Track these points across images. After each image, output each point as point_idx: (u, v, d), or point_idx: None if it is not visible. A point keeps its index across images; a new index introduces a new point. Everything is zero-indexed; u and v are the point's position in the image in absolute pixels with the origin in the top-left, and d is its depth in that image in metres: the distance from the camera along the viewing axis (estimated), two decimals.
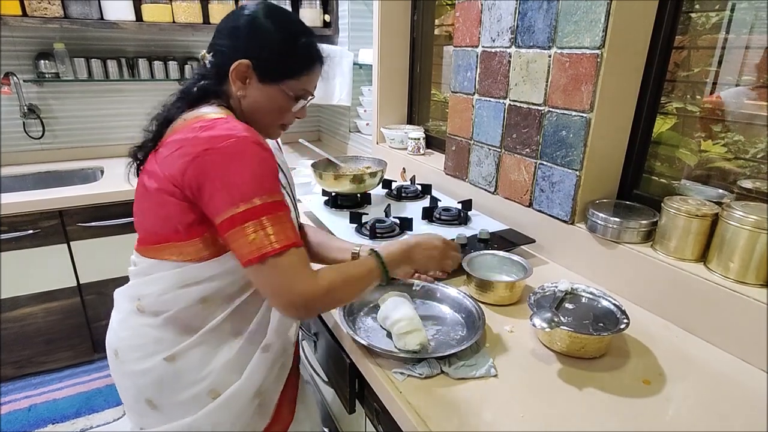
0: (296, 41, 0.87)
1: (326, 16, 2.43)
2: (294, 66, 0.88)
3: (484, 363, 0.88)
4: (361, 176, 1.58)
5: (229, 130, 0.77)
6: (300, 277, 0.76)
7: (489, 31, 1.43)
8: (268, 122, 0.92)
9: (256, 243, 0.74)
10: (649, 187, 1.26)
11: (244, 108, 0.89)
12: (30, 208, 1.83)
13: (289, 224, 0.77)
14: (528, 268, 1.14)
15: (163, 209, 0.81)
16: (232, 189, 0.74)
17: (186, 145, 0.77)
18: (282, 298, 0.76)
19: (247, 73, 0.85)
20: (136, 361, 0.88)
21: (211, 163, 0.75)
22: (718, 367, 0.91)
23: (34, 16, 1.93)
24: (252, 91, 0.87)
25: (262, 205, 0.74)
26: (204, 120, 0.80)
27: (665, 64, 1.15)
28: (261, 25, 0.85)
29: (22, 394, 2.01)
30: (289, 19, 0.89)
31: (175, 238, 0.83)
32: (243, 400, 0.88)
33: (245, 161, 0.75)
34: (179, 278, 0.84)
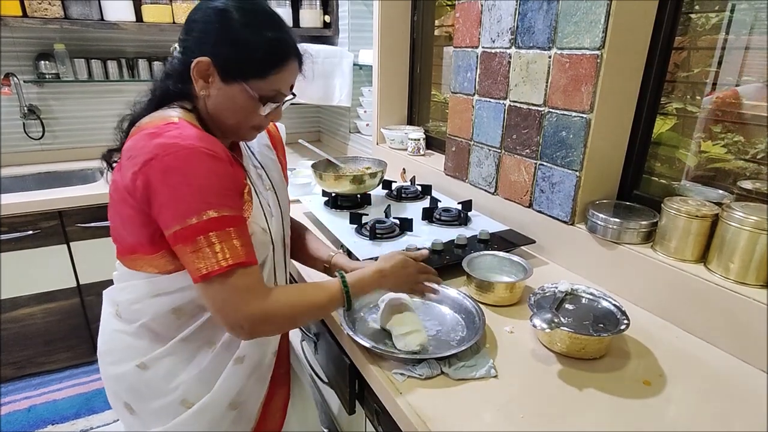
0: (261, 35, 0.79)
1: (326, 16, 2.43)
2: (259, 63, 0.79)
3: (484, 364, 0.88)
4: (361, 177, 1.58)
5: (175, 138, 0.72)
6: (246, 298, 0.73)
7: (489, 31, 1.43)
8: (234, 124, 0.84)
9: (203, 261, 0.70)
10: (649, 188, 1.26)
11: (209, 109, 0.82)
12: (30, 208, 1.83)
13: (240, 240, 0.73)
14: (528, 268, 1.14)
15: (124, 221, 0.79)
16: (176, 203, 0.70)
17: (135, 154, 0.73)
18: (228, 318, 0.73)
19: (209, 71, 0.78)
20: (112, 365, 0.89)
21: (156, 174, 0.70)
22: (718, 367, 0.91)
23: (35, 16, 1.93)
24: (215, 91, 0.80)
25: (208, 220, 0.70)
26: (154, 125, 0.75)
27: (665, 65, 1.16)
28: (224, 19, 0.77)
29: (21, 395, 2.01)
30: (255, 10, 0.80)
31: (141, 250, 0.80)
32: (216, 411, 0.87)
33: (190, 173, 0.70)
34: (151, 288, 0.83)
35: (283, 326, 0.82)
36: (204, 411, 0.85)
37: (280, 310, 0.77)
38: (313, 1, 2.38)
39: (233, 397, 0.87)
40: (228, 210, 0.72)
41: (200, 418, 0.86)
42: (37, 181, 2.17)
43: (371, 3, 2.15)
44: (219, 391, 0.85)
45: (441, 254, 1.26)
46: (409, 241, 1.33)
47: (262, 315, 0.74)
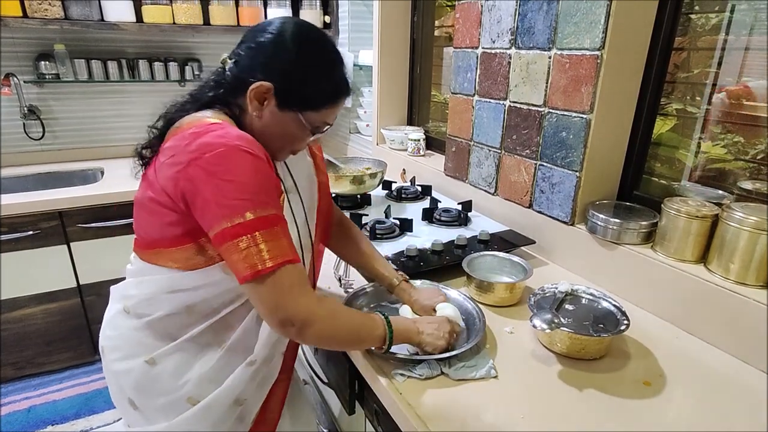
0: (327, 73, 0.82)
1: (326, 17, 2.43)
2: (318, 98, 0.83)
3: (484, 364, 0.88)
4: (361, 177, 1.58)
5: (220, 137, 0.73)
6: (294, 295, 0.74)
7: (489, 32, 1.43)
8: (278, 147, 0.86)
9: (249, 260, 0.71)
10: (649, 188, 1.26)
11: (255, 127, 0.83)
12: (30, 209, 1.82)
13: (285, 239, 0.74)
14: (528, 269, 1.14)
15: (155, 217, 0.80)
16: (221, 202, 0.71)
17: (178, 153, 0.74)
18: (276, 315, 0.74)
19: (267, 95, 0.79)
20: (118, 361, 0.89)
21: (200, 173, 0.71)
22: (718, 368, 0.91)
23: (35, 17, 1.93)
24: (267, 114, 0.81)
25: (254, 219, 0.71)
26: (198, 126, 0.76)
27: (665, 66, 1.16)
28: (289, 47, 0.79)
29: (21, 395, 2.00)
30: (321, 45, 0.82)
31: (165, 244, 0.81)
32: (222, 409, 0.87)
33: (235, 172, 0.71)
34: (168, 283, 0.83)
35: (328, 332, 0.80)
36: (209, 408, 0.86)
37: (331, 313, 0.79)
38: (313, 1, 2.38)
39: (238, 394, 0.88)
40: (272, 209, 0.74)
41: (205, 415, 0.86)
42: (37, 181, 2.17)
43: (371, 3, 2.15)
44: (226, 390, 0.86)
45: (441, 255, 1.26)
46: (409, 242, 1.33)
47: (313, 313, 0.75)
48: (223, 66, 0.84)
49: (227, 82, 0.82)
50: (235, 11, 2.26)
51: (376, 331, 0.84)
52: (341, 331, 0.82)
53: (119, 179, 2.07)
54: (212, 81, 0.85)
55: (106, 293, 0.94)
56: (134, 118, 2.38)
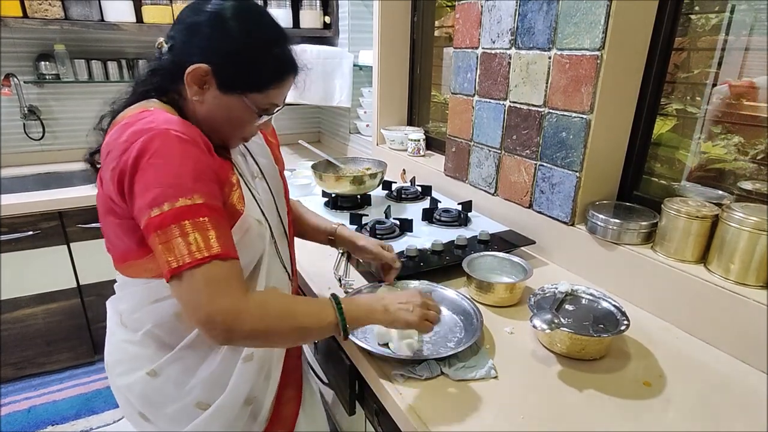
0: (267, 51, 0.76)
1: (326, 17, 2.43)
2: (261, 78, 0.77)
3: (483, 364, 0.88)
4: (361, 177, 1.59)
5: (148, 123, 0.68)
6: (221, 293, 0.65)
7: (489, 32, 1.43)
8: (225, 133, 0.81)
9: (173, 253, 0.64)
10: (649, 189, 1.26)
11: (199, 114, 0.78)
12: (30, 209, 1.83)
13: (217, 231, 0.67)
14: (528, 269, 1.14)
15: (113, 228, 0.77)
16: (146, 190, 0.66)
17: (112, 149, 0.69)
18: (199, 314, 0.65)
19: (206, 78, 0.74)
20: (121, 375, 0.88)
21: (128, 161, 0.66)
22: (718, 368, 0.91)
23: (35, 17, 1.94)
24: (209, 99, 0.76)
25: (181, 207, 0.65)
26: (129, 116, 0.72)
27: (665, 66, 1.16)
28: (226, 26, 0.74)
29: (21, 396, 2.01)
30: (260, 22, 0.77)
31: (132, 256, 0.78)
32: (233, 410, 0.86)
33: (160, 157, 0.66)
34: (149, 294, 0.81)
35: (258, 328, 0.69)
36: (221, 411, 0.84)
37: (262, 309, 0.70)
38: (313, 1, 2.38)
39: (247, 393, 0.86)
40: (201, 198, 0.67)
41: (217, 418, 0.85)
42: (37, 181, 2.17)
43: (371, 4, 2.15)
44: (233, 390, 0.84)
45: (441, 255, 1.26)
46: (409, 242, 1.33)
47: (236, 309, 0.67)
48: (160, 50, 0.78)
49: (164, 68, 0.77)
50: None
51: (326, 318, 0.75)
52: (277, 325, 0.72)
53: None
54: (150, 68, 0.80)
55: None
56: None
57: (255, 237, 0.82)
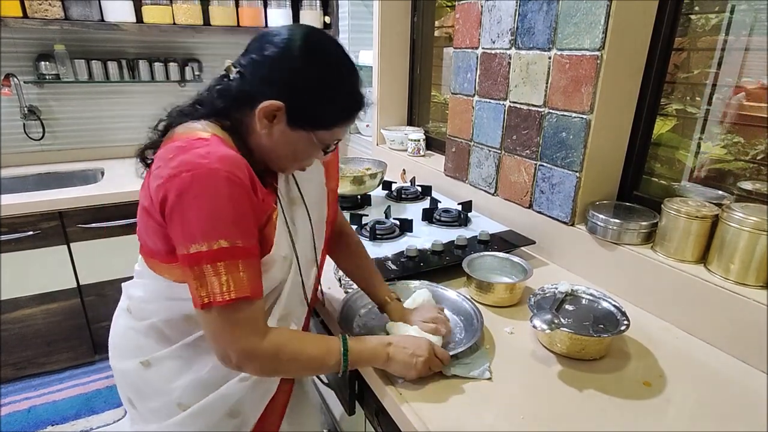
0: (340, 89, 0.77)
1: (326, 17, 2.43)
2: (332, 117, 0.77)
3: (480, 365, 0.88)
4: (361, 178, 1.59)
5: (200, 158, 0.68)
6: (242, 332, 0.71)
7: (489, 32, 1.43)
8: (285, 163, 0.82)
9: (206, 289, 0.68)
10: (649, 189, 1.26)
11: (264, 145, 0.78)
12: (30, 209, 1.82)
13: (248, 272, 0.70)
14: (528, 269, 1.14)
15: (147, 227, 0.78)
16: (186, 226, 0.68)
17: (162, 166, 0.71)
18: (219, 348, 0.73)
19: (277, 114, 0.74)
20: (117, 358, 0.90)
21: (174, 191, 0.68)
22: (718, 368, 0.91)
23: (35, 17, 1.93)
24: (276, 133, 0.76)
25: (218, 250, 0.68)
26: (185, 139, 0.73)
27: (665, 66, 1.16)
28: (298, 62, 0.73)
29: (21, 396, 2.00)
30: (336, 59, 0.76)
31: (159, 258, 0.80)
32: (213, 418, 0.85)
33: (205, 198, 0.67)
34: (167, 291, 0.82)
35: (268, 368, 0.78)
36: (200, 414, 0.85)
37: (276, 352, 0.75)
38: (313, 1, 2.38)
39: (231, 406, 0.86)
40: (240, 241, 0.70)
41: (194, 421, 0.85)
42: (37, 181, 2.17)
43: (371, 4, 2.15)
44: (218, 400, 0.84)
45: (441, 255, 1.26)
46: (409, 242, 1.33)
47: (251, 352, 0.73)
48: (228, 74, 0.78)
49: (231, 94, 0.77)
50: (236, 12, 2.26)
51: (331, 360, 0.80)
52: (285, 369, 0.80)
53: (119, 180, 2.07)
54: (216, 90, 0.79)
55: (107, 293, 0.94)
56: (134, 118, 2.38)
57: (277, 271, 0.82)
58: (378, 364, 0.84)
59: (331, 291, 1.16)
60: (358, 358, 0.82)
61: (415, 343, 0.85)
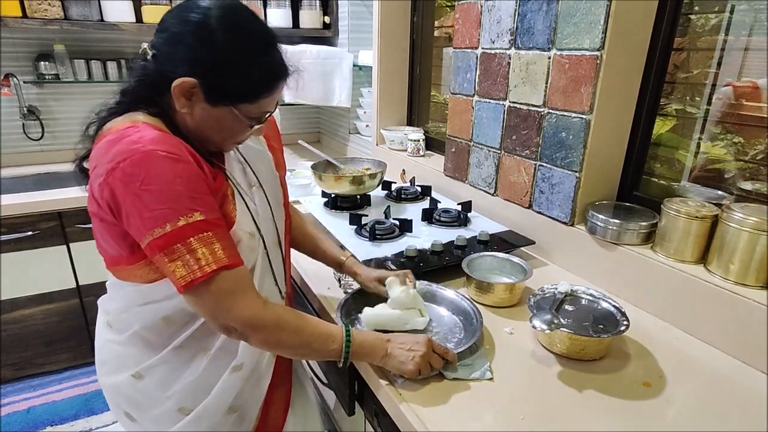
0: (254, 60, 0.73)
1: (326, 17, 2.43)
2: (250, 89, 0.75)
3: (480, 365, 0.88)
4: (360, 178, 1.58)
5: (134, 143, 0.67)
6: (235, 300, 0.71)
7: (488, 32, 1.43)
8: (217, 141, 0.81)
9: (179, 271, 0.67)
10: (648, 189, 1.26)
11: (189, 125, 0.76)
12: (29, 209, 1.82)
13: (221, 243, 0.70)
14: (528, 269, 1.14)
15: (102, 233, 0.77)
16: (142, 213, 0.66)
17: (98, 164, 0.69)
18: (218, 322, 0.72)
19: (193, 91, 0.72)
20: (107, 375, 0.88)
21: (118, 184, 0.66)
22: (718, 369, 0.91)
23: (35, 17, 1.93)
24: (198, 111, 0.74)
25: (178, 229, 0.66)
26: (114, 132, 0.71)
27: (665, 66, 1.16)
28: (212, 35, 0.70)
29: (20, 396, 2.00)
30: (247, 29, 0.74)
31: (122, 261, 0.79)
32: (215, 417, 0.86)
33: (152, 180, 0.66)
34: (139, 296, 0.81)
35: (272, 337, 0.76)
36: (202, 417, 0.84)
37: (278, 321, 0.74)
38: (313, 1, 2.38)
39: (231, 401, 0.86)
40: (201, 214, 0.69)
41: (199, 423, 0.85)
42: (36, 181, 2.17)
43: (371, 4, 2.15)
44: (216, 397, 0.84)
45: (441, 255, 1.26)
46: (409, 242, 1.33)
47: (253, 319, 0.72)
48: (144, 57, 0.75)
49: (149, 77, 0.74)
50: None
51: (331, 345, 0.79)
52: (289, 341, 0.78)
53: None
54: (135, 76, 0.77)
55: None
56: None
57: (245, 249, 0.81)
58: (376, 360, 0.84)
59: (330, 291, 1.16)
60: (359, 348, 0.82)
61: (413, 339, 0.85)
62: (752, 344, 0.90)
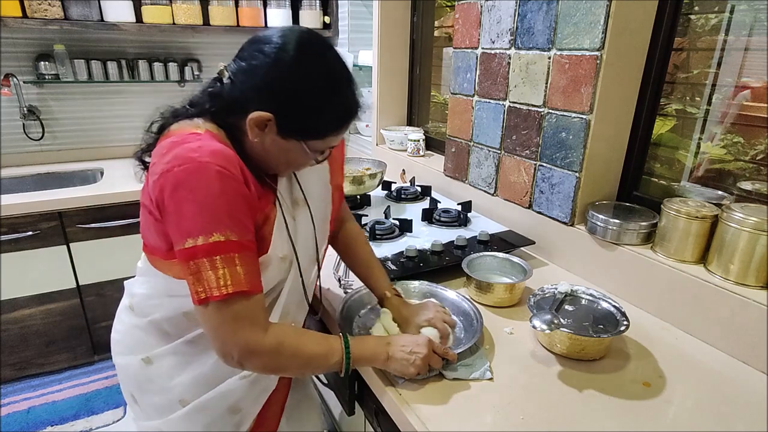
0: (329, 99, 0.74)
1: (326, 17, 2.43)
2: (322, 127, 0.76)
3: (480, 365, 0.88)
4: (360, 178, 1.58)
5: (192, 151, 0.68)
6: (240, 327, 0.71)
7: (489, 32, 1.43)
8: (279, 170, 0.83)
9: (202, 284, 0.68)
10: (648, 189, 1.26)
11: (256, 151, 0.78)
12: (29, 209, 1.82)
13: (244, 267, 0.70)
14: (528, 269, 1.14)
15: (147, 224, 0.79)
16: (180, 221, 0.68)
17: (156, 162, 0.71)
18: (218, 343, 0.72)
19: (268, 124, 0.73)
20: (118, 355, 0.91)
21: (168, 187, 0.68)
22: (718, 368, 0.91)
23: (35, 17, 1.93)
24: (268, 141, 0.75)
25: (209, 244, 0.67)
26: (178, 135, 0.73)
27: (665, 66, 1.16)
28: (290, 71, 0.71)
29: (21, 396, 2.00)
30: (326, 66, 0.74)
31: (159, 254, 0.80)
32: (214, 413, 0.86)
33: (198, 191, 0.67)
34: (166, 287, 0.82)
35: (270, 365, 0.77)
36: (200, 411, 0.85)
37: (277, 348, 0.74)
38: (313, 1, 2.38)
39: (232, 402, 0.87)
40: (235, 235, 0.69)
41: (196, 416, 0.86)
42: (36, 181, 2.17)
43: (371, 4, 2.15)
44: (219, 396, 0.85)
45: (440, 255, 1.26)
46: (409, 242, 1.33)
47: (253, 347, 0.72)
48: (221, 77, 0.77)
49: (223, 100, 0.76)
50: (235, 12, 2.26)
51: (333, 359, 0.79)
52: (287, 365, 0.78)
53: (119, 180, 2.07)
54: (208, 93, 0.78)
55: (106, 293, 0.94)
56: (134, 118, 2.38)
57: (273, 272, 0.82)
58: (378, 364, 0.84)
59: (331, 291, 1.16)
60: (359, 358, 0.82)
61: (414, 341, 0.85)
62: (752, 344, 0.90)
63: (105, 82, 2.22)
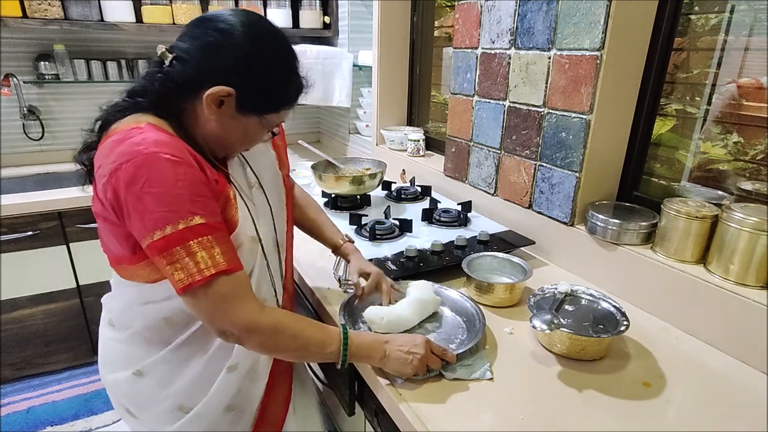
0: (285, 73, 0.78)
1: (326, 17, 2.43)
2: (280, 100, 0.79)
3: (481, 365, 0.88)
4: (360, 178, 1.58)
5: (135, 146, 0.67)
6: (232, 305, 0.71)
7: (488, 32, 1.43)
8: (233, 148, 0.83)
9: (182, 272, 0.68)
10: (648, 189, 1.26)
11: (209, 131, 0.77)
12: (29, 209, 1.82)
13: (221, 247, 0.70)
14: (528, 269, 1.14)
15: (106, 232, 0.78)
16: (142, 216, 0.67)
17: (103, 164, 0.70)
18: (215, 325, 0.72)
19: (226, 99, 0.74)
20: (109, 372, 0.90)
21: (120, 185, 0.67)
22: (718, 369, 0.91)
23: (35, 17, 1.93)
24: (225, 119, 0.76)
25: (177, 232, 0.67)
26: (120, 132, 0.71)
27: (665, 66, 1.16)
28: (245, 47, 0.73)
29: (20, 396, 2.00)
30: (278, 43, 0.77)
31: (125, 261, 0.79)
32: (214, 415, 0.86)
33: (153, 182, 0.66)
34: (140, 296, 0.82)
35: (268, 342, 0.76)
36: (201, 415, 0.85)
37: (276, 327, 0.75)
38: (313, 1, 2.38)
39: (229, 400, 0.87)
40: (202, 217, 0.69)
41: (199, 421, 0.86)
42: (36, 182, 2.17)
43: (371, 4, 2.15)
44: (214, 396, 0.85)
45: (440, 255, 1.26)
46: (409, 242, 1.33)
47: (250, 323, 0.72)
48: (162, 61, 0.75)
49: (175, 82, 0.74)
50: None
51: (329, 348, 0.80)
52: (285, 345, 0.78)
53: None
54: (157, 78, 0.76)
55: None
56: None
57: (246, 253, 0.82)
58: (375, 361, 0.84)
59: (330, 290, 1.16)
60: (357, 350, 0.82)
61: (411, 341, 0.85)
62: (752, 344, 0.90)
63: (105, 82, 2.22)
